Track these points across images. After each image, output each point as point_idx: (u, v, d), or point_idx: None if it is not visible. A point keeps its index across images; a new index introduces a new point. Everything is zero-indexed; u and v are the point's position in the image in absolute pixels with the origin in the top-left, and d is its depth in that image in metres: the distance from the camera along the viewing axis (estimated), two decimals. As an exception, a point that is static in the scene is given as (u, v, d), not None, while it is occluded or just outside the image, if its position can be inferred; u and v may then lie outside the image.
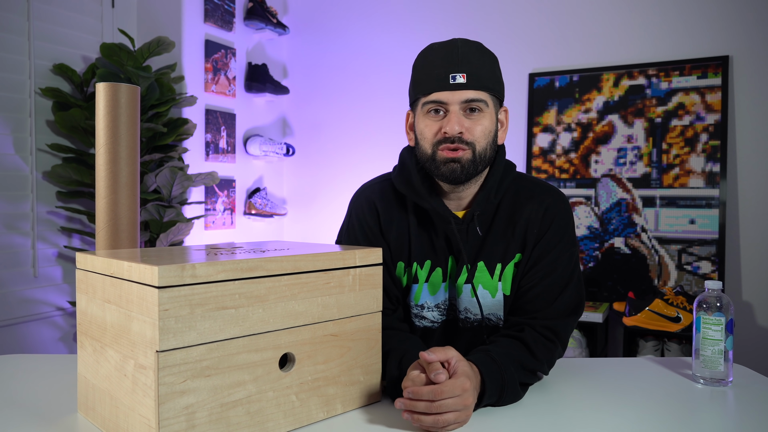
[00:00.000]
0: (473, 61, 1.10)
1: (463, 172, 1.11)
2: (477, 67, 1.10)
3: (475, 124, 1.10)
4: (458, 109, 1.10)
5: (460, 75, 1.09)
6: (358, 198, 1.26)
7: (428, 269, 1.18)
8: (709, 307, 1.14)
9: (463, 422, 0.92)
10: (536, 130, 2.98)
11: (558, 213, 1.16)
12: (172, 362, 0.77)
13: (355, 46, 3.42)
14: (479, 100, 1.10)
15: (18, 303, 2.39)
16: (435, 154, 1.12)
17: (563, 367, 1.25)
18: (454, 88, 1.09)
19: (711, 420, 0.99)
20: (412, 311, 1.21)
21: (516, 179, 1.21)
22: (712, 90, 2.64)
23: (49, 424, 0.94)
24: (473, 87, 1.09)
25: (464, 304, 1.17)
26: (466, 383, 0.91)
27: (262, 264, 0.86)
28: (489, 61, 1.14)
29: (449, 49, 1.11)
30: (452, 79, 1.09)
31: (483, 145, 1.11)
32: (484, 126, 1.11)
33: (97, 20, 2.71)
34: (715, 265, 2.58)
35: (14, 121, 2.38)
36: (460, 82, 1.08)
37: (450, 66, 1.10)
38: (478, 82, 1.09)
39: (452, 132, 1.09)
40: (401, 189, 1.19)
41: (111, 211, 1.40)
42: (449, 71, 1.09)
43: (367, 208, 1.23)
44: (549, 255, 1.14)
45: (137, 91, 1.44)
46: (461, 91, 1.09)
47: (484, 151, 1.12)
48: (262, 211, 3.30)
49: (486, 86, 1.11)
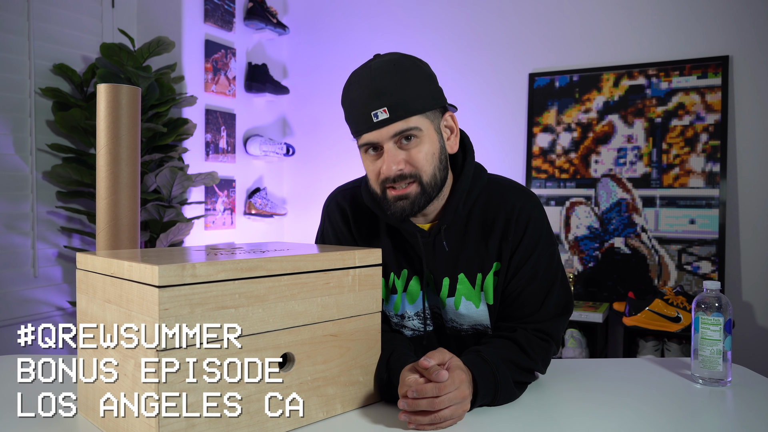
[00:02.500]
0: (391, 89, 1.01)
1: (413, 207, 1.06)
2: (397, 95, 1.01)
3: (414, 154, 1.03)
4: (392, 145, 1.03)
5: (381, 110, 1.00)
6: (330, 203, 1.23)
7: (405, 279, 1.16)
8: (708, 307, 1.14)
9: (459, 417, 0.92)
10: (536, 130, 2.98)
11: (531, 216, 1.11)
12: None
13: (355, 46, 3.42)
14: (410, 128, 1.02)
15: (18, 303, 2.39)
16: (384, 193, 1.07)
17: (563, 367, 1.25)
18: (379, 125, 1.01)
19: (710, 420, 0.99)
20: (392, 321, 1.20)
21: (487, 185, 1.15)
22: (712, 90, 2.64)
23: (49, 424, 0.94)
24: (399, 118, 1.01)
25: (450, 315, 1.16)
26: (461, 375, 0.92)
27: (261, 264, 0.86)
28: (411, 77, 1.03)
29: (365, 80, 1.03)
30: (375, 117, 1.01)
31: (429, 171, 1.05)
32: (425, 152, 1.04)
33: (97, 20, 2.71)
34: (715, 265, 2.59)
35: (14, 121, 2.38)
36: (383, 119, 1.01)
37: (369, 103, 1.01)
38: (403, 110, 1.01)
39: (389, 173, 1.03)
40: (368, 204, 1.15)
41: (111, 211, 1.40)
42: (369, 109, 1.01)
43: (339, 213, 1.20)
44: (529, 260, 1.10)
45: (138, 93, 1.44)
46: (387, 126, 1.01)
47: (433, 177, 1.06)
48: (262, 211, 3.30)
49: (414, 110, 1.02)
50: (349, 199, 1.21)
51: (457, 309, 1.15)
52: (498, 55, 3.08)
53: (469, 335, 1.17)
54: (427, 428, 0.90)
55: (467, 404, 0.93)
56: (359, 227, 1.19)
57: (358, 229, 1.19)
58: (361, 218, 1.19)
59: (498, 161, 3.06)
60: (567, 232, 2.89)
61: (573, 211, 2.89)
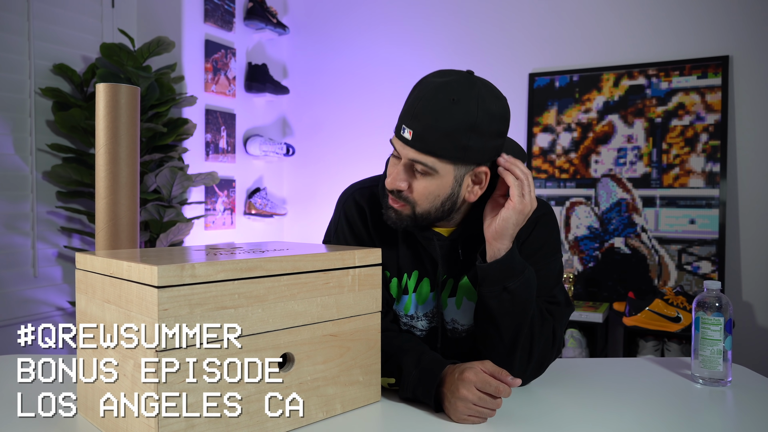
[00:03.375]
0: (423, 121, 0.98)
1: (399, 222, 1.07)
2: (426, 129, 0.98)
3: (418, 186, 1.03)
4: (405, 165, 1.03)
5: (408, 131, 1.00)
6: (348, 199, 1.22)
7: (416, 279, 1.17)
8: (708, 307, 1.14)
9: None
10: (536, 130, 2.98)
11: (541, 219, 1.14)
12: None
13: (355, 46, 3.42)
14: (423, 164, 1.00)
15: (18, 303, 2.39)
16: (386, 197, 1.09)
17: (563, 367, 1.25)
18: (403, 141, 1.01)
19: (710, 420, 0.99)
20: (401, 320, 1.20)
21: None
22: (712, 90, 2.64)
23: (49, 424, 0.94)
24: (416, 147, 1.00)
25: (451, 315, 1.17)
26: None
27: (261, 264, 0.86)
28: (453, 123, 0.97)
29: (420, 90, 1.01)
30: (402, 131, 1.01)
31: (425, 207, 1.04)
32: (429, 191, 1.03)
33: (97, 20, 2.71)
34: (715, 265, 2.58)
35: (14, 121, 2.38)
36: (405, 138, 1.01)
37: (405, 115, 1.01)
38: (421, 143, 0.99)
39: (390, 185, 1.05)
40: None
41: (111, 211, 1.40)
42: (402, 121, 1.02)
43: (357, 210, 1.19)
44: (535, 255, 1.11)
45: (137, 92, 1.44)
46: (408, 147, 1.01)
47: (427, 213, 1.05)
48: (262, 211, 3.30)
49: (431, 151, 0.99)
50: (367, 198, 1.20)
51: (458, 309, 1.15)
52: (498, 56, 3.08)
53: (468, 337, 1.17)
54: (482, 421, 0.94)
55: None
56: (377, 228, 1.18)
57: (377, 229, 1.18)
58: (378, 216, 1.18)
59: (498, 161, 3.05)
60: (567, 232, 2.89)
61: (573, 211, 2.88)
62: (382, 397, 1.05)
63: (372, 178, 1.25)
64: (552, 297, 1.11)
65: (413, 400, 1.02)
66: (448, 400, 0.95)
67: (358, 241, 1.19)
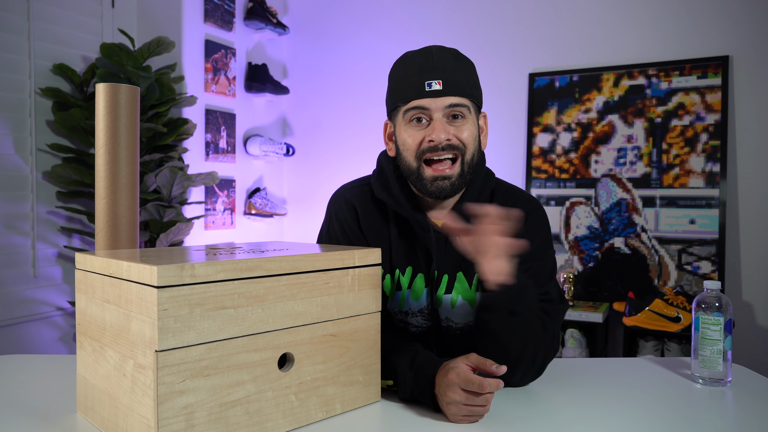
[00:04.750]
0: (448, 68, 1.08)
1: (453, 188, 1.10)
2: (452, 74, 1.08)
3: (460, 130, 1.09)
4: (441, 116, 1.07)
5: (436, 82, 1.06)
6: (338, 199, 1.23)
7: (410, 275, 1.17)
8: (708, 307, 1.14)
9: None
10: (536, 130, 2.98)
11: (531, 215, 1.15)
12: (171, 362, 0.77)
13: (355, 46, 3.42)
14: (461, 105, 1.08)
15: (18, 303, 2.39)
16: (421, 171, 1.09)
17: (563, 367, 1.25)
18: (432, 95, 1.06)
19: (710, 420, 0.99)
20: (395, 317, 1.20)
21: (496, 187, 1.19)
22: (712, 90, 2.64)
23: (48, 424, 0.94)
24: (450, 93, 1.07)
25: (445, 313, 1.17)
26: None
27: (261, 264, 0.86)
28: (465, 67, 1.11)
29: (424, 56, 1.09)
30: (428, 87, 1.07)
31: (472, 150, 1.10)
32: (470, 131, 1.10)
33: (97, 20, 2.71)
34: (715, 265, 2.58)
35: (14, 121, 2.38)
36: (436, 89, 1.06)
37: (425, 74, 1.07)
38: (454, 88, 1.07)
39: (439, 139, 1.07)
40: (380, 197, 1.17)
41: (111, 211, 1.40)
42: (424, 78, 1.07)
43: (347, 210, 1.20)
44: (523, 256, 1.09)
45: (137, 92, 1.44)
46: (443, 97, 1.07)
47: (473, 157, 1.11)
48: (262, 211, 3.30)
49: (464, 92, 1.08)
50: (357, 196, 1.21)
51: (453, 308, 1.15)
52: (498, 55, 3.08)
53: (463, 334, 1.17)
54: (478, 418, 0.94)
55: None
56: (368, 223, 1.19)
57: (367, 225, 1.19)
58: (369, 215, 1.19)
59: (498, 161, 3.06)
60: (567, 232, 2.89)
61: (573, 211, 2.88)
62: (382, 397, 1.05)
63: (360, 179, 1.26)
64: (545, 294, 1.11)
65: (412, 401, 1.02)
66: (440, 403, 0.95)
67: (350, 240, 1.20)
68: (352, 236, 1.20)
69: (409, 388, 1.00)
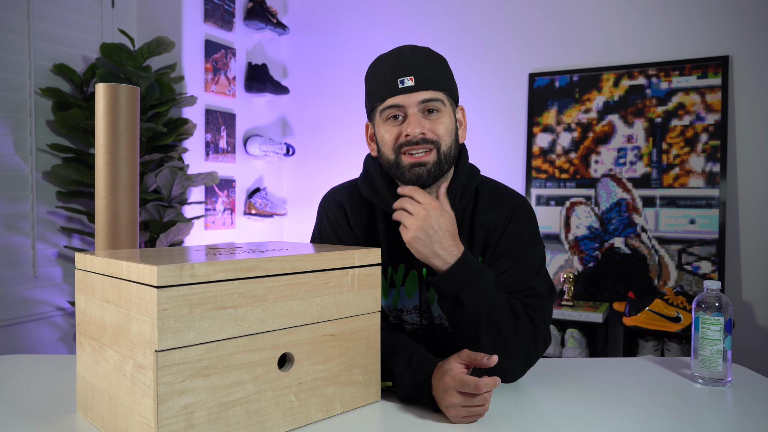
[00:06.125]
0: (420, 64, 1.10)
1: (429, 175, 1.11)
2: (424, 69, 1.10)
3: (436, 124, 1.11)
4: (416, 111, 1.10)
5: (408, 78, 1.09)
6: (327, 201, 1.26)
7: (403, 273, 1.18)
8: (708, 307, 1.14)
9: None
10: (536, 130, 2.98)
11: (517, 211, 1.16)
12: (170, 362, 0.77)
13: (355, 46, 3.42)
14: (435, 99, 1.10)
15: (18, 303, 2.39)
16: (399, 160, 1.12)
17: (563, 367, 1.25)
18: (405, 91, 1.09)
19: (710, 420, 0.99)
20: (390, 316, 1.21)
21: (481, 185, 1.20)
22: (712, 90, 2.64)
23: (48, 424, 0.94)
24: (423, 88, 1.09)
25: (438, 312, 1.17)
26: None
27: (260, 264, 0.86)
28: (437, 63, 1.13)
29: (396, 56, 1.12)
30: (401, 84, 1.09)
31: (447, 143, 1.12)
32: (445, 124, 1.11)
33: (97, 20, 2.71)
34: (715, 265, 2.58)
35: (14, 121, 2.38)
36: (408, 86, 1.09)
37: (397, 71, 1.10)
38: (427, 83, 1.10)
39: (414, 134, 1.09)
40: (367, 196, 1.19)
41: (111, 211, 1.40)
42: (397, 76, 1.10)
43: (337, 210, 1.23)
44: (513, 248, 1.13)
45: (137, 92, 1.44)
46: (416, 92, 1.09)
47: (449, 149, 1.12)
48: (262, 211, 3.30)
49: (437, 86, 1.11)
50: (346, 196, 1.24)
51: None
52: (498, 55, 3.08)
53: None
54: (479, 417, 0.94)
55: None
56: (358, 222, 1.21)
57: (359, 225, 1.21)
58: (358, 214, 1.21)
59: (498, 161, 3.06)
60: (567, 232, 2.89)
61: (573, 211, 2.88)
62: (382, 397, 1.05)
63: (349, 181, 1.29)
64: (531, 290, 1.11)
65: (411, 402, 1.02)
66: (439, 405, 0.95)
67: (342, 239, 1.21)
68: (343, 235, 1.21)
69: (407, 389, 1.01)
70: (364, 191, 1.19)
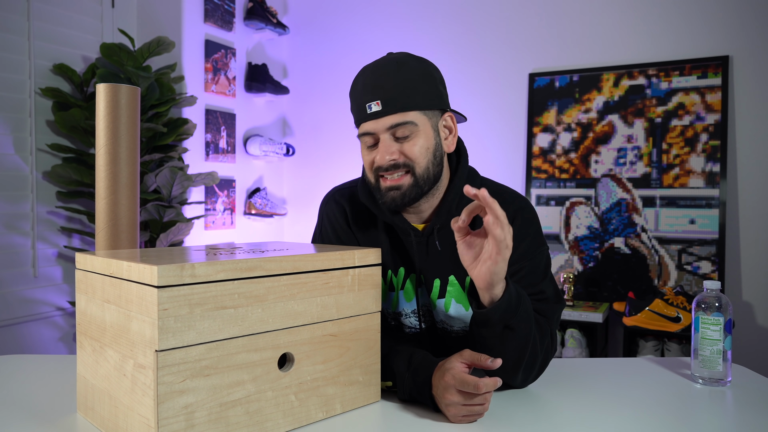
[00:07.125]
0: (386, 85, 1.05)
1: (404, 199, 1.08)
2: (390, 91, 1.05)
3: (408, 147, 1.06)
4: (387, 137, 1.06)
5: (375, 103, 1.05)
6: (328, 201, 1.25)
7: (402, 276, 1.17)
8: (708, 307, 1.14)
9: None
10: (536, 130, 2.98)
11: (518, 215, 1.12)
12: (171, 362, 0.77)
13: (356, 46, 3.42)
14: (404, 123, 1.05)
15: (18, 303, 2.39)
16: (378, 183, 1.10)
17: (563, 367, 1.25)
18: (373, 117, 1.06)
19: (709, 420, 0.99)
20: (388, 318, 1.20)
21: (480, 187, 1.15)
22: (712, 90, 2.64)
23: (48, 424, 0.94)
24: (390, 112, 1.05)
25: (440, 317, 1.17)
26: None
27: (261, 264, 0.86)
28: (408, 78, 1.06)
29: (366, 74, 1.09)
30: (369, 109, 1.06)
31: (423, 164, 1.07)
32: (419, 145, 1.06)
33: (97, 20, 2.71)
34: (715, 265, 2.58)
35: (14, 121, 2.38)
36: (375, 111, 1.05)
37: (366, 95, 1.06)
38: (393, 105, 1.05)
39: (382, 162, 1.06)
40: (364, 201, 1.18)
41: (111, 211, 1.40)
42: (365, 101, 1.07)
43: (338, 211, 1.22)
44: (517, 251, 1.08)
45: (137, 92, 1.44)
46: (383, 117, 1.05)
47: (426, 170, 1.08)
48: (262, 211, 3.30)
49: (406, 106, 1.05)
50: (347, 197, 1.23)
51: (447, 311, 1.15)
52: (498, 55, 3.08)
53: (459, 336, 1.17)
54: (478, 417, 0.94)
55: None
56: (357, 224, 1.20)
57: (359, 227, 1.20)
58: (359, 216, 1.21)
59: (498, 161, 3.06)
60: (567, 232, 2.89)
61: (573, 211, 2.88)
62: (382, 397, 1.05)
63: (350, 181, 1.28)
64: (540, 293, 1.10)
65: (411, 401, 1.02)
66: (439, 404, 0.95)
67: (342, 240, 1.21)
68: (343, 236, 1.21)
69: (407, 389, 1.01)
70: (361, 196, 1.18)
